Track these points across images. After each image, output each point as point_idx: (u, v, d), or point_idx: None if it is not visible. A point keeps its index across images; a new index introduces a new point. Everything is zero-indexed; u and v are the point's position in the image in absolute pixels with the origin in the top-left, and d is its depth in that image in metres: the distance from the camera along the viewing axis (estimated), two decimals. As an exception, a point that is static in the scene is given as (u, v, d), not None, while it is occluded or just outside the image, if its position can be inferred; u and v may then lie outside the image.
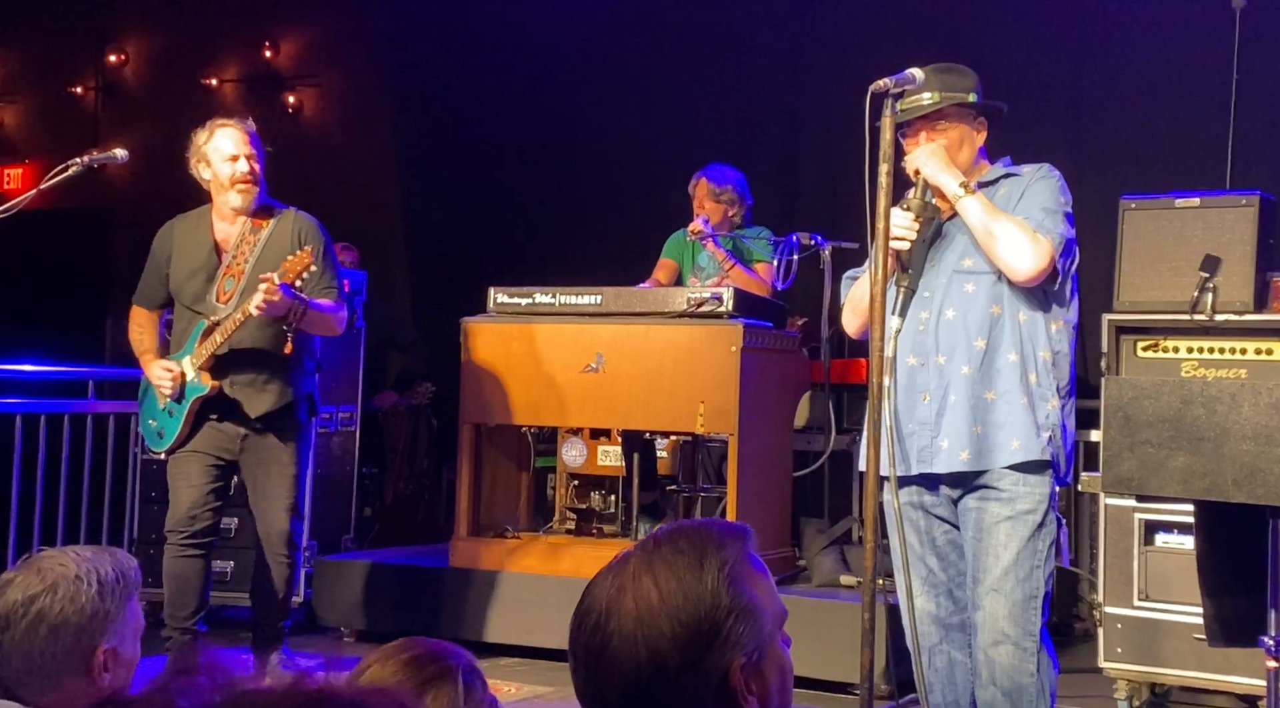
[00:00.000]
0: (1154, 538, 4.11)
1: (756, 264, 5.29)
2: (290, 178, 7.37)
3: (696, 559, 1.35)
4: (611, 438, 5.05)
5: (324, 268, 4.11)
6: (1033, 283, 2.94)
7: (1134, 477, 2.38)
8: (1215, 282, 4.00)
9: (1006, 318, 2.96)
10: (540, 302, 4.84)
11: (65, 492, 5.56)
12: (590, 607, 1.37)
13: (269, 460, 4.12)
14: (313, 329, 4.12)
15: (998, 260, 2.93)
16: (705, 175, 5.34)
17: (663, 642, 1.31)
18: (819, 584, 4.69)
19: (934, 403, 2.97)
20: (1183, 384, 2.42)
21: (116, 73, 8.39)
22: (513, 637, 4.75)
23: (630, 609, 1.33)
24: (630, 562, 1.38)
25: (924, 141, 3.03)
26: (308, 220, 4.21)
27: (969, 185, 2.96)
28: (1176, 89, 5.57)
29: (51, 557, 2.00)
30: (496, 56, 7.19)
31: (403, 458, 6.47)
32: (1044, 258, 2.90)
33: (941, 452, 2.95)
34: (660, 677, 1.32)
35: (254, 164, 4.14)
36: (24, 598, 1.93)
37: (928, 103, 3.00)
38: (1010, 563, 2.90)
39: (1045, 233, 2.93)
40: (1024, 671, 2.88)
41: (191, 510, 4.07)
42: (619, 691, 1.34)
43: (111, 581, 1.99)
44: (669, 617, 1.32)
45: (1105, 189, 4.88)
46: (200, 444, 4.10)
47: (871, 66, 3.06)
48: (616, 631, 1.33)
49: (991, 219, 2.92)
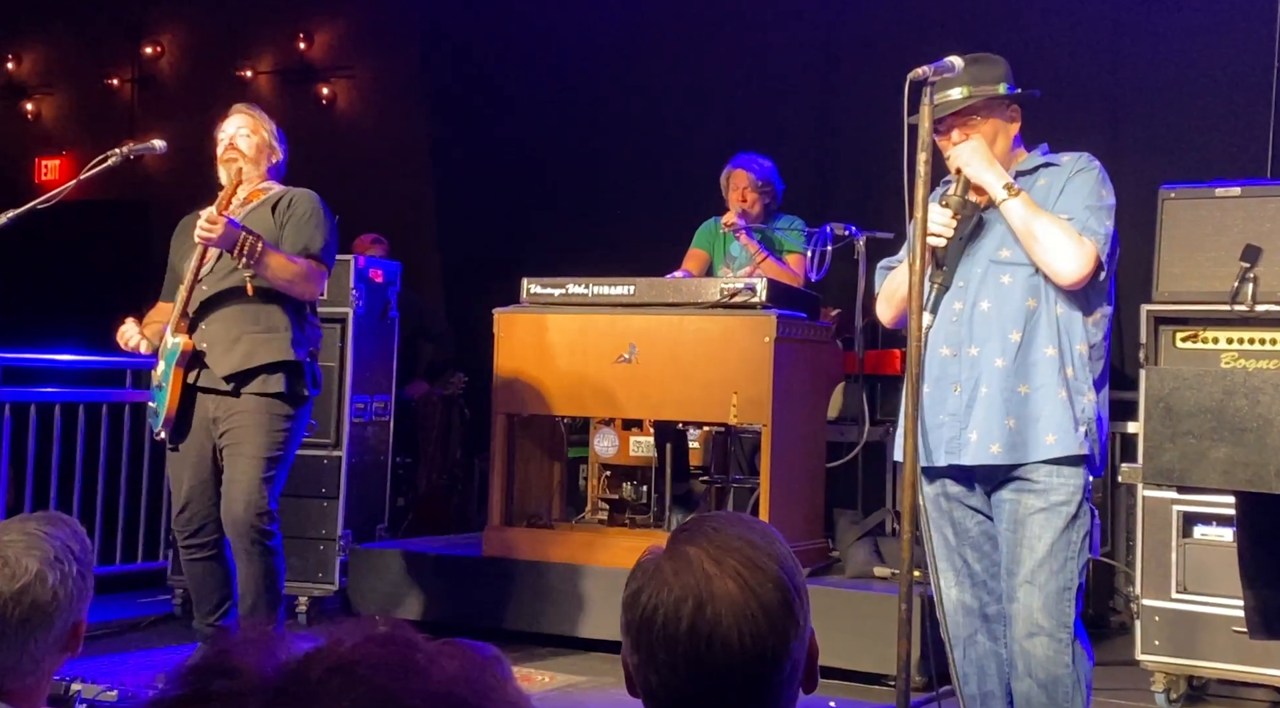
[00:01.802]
0: (1192, 530, 4.07)
1: (788, 255, 5.27)
2: (323, 169, 7.41)
3: (766, 546, 1.41)
4: (644, 429, 5.05)
5: (299, 226, 3.95)
6: (1077, 286, 2.91)
7: (1175, 468, 2.35)
8: (1256, 271, 3.96)
9: (1043, 311, 2.93)
10: (573, 292, 4.84)
11: (104, 480, 5.62)
12: (679, 599, 1.37)
13: (238, 438, 3.88)
14: (275, 277, 3.85)
15: (1041, 264, 2.90)
16: (742, 167, 5.31)
17: (759, 627, 1.36)
18: (852, 576, 4.67)
19: (964, 394, 2.95)
20: (1225, 375, 2.40)
21: (152, 65, 8.45)
22: (545, 626, 4.76)
23: (726, 598, 1.36)
24: (691, 553, 1.39)
25: (956, 138, 3.00)
26: (302, 191, 4.07)
27: (1013, 186, 2.92)
28: (1217, 77, 5.50)
29: (10, 544, 1.86)
30: (529, 47, 7.19)
31: (436, 448, 6.49)
32: (1089, 261, 2.88)
33: (970, 444, 2.93)
34: (760, 663, 1.36)
35: (239, 140, 4.03)
36: (12, 592, 1.83)
37: (957, 98, 2.96)
38: (1044, 555, 2.88)
39: (1090, 234, 2.89)
40: (1059, 662, 2.87)
41: (183, 515, 3.95)
42: (715, 682, 1.36)
43: (81, 553, 1.93)
44: (759, 603, 1.36)
45: (1144, 178, 4.83)
46: (185, 437, 3.94)
47: (907, 54, 3.03)
48: (713, 622, 1.35)
49: (1035, 222, 2.88)
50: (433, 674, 0.82)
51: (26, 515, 1.98)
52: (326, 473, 5.22)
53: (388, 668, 0.81)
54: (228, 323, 3.89)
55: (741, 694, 1.36)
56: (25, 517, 1.96)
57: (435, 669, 0.82)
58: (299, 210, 3.99)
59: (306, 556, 5.17)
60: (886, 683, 4.06)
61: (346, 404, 5.24)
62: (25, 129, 8.83)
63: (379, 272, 5.42)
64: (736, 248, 5.36)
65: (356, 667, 0.81)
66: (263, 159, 4.08)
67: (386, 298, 5.43)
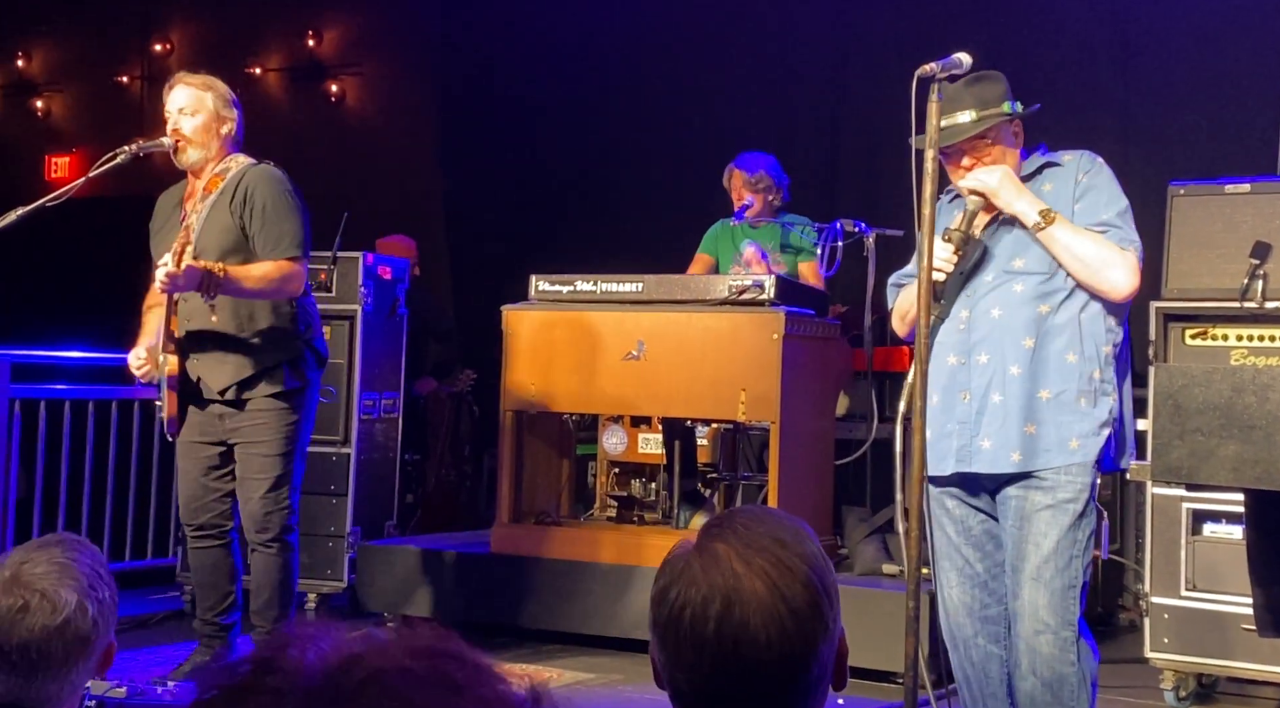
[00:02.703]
0: (1201, 528, 4.06)
1: (802, 264, 5.23)
2: (332, 166, 7.43)
3: (796, 545, 1.40)
4: (652, 426, 5.05)
5: (266, 222, 3.75)
6: (1130, 298, 2.93)
7: (1184, 466, 2.35)
8: (1265, 269, 3.94)
9: (1059, 317, 2.90)
10: (581, 289, 4.84)
11: (113, 477, 5.64)
12: (707, 598, 1.36)
13: (248, 437, 3.83)
14: (253, 294, 3.75)
15: (1091, 285, 2.89)
16: (737, 166, 5.30)
17: (785, 629, 1.35)
18: (861, 573, 4.67)
19: (974, 402, 2.92)
20: (1234, 372, 2.39)
21: (162, 62, 8.46)
22: (553, 623, 4.77)
23: (754, 599, 1.35)
24: (720, 551, 1.38)
25: (967, 164, 2.95)
26: (260, 172, 3.84)
27: (1048, 212, 2.89)
28: (1226, 74, 5.48)
29: (44, 575, 1.84)
30: (537, 46, 7.20)
31: (444, 445, 6.50)
32: (1135, 273, 2.90)
33: (983, 452, 2.91)
34: (786, 665, 1.35)
35: (181, 124, 3.84)
36: (55, 625, 1.81)
37: (967, 123, 2.91)
38: (1050, 551, 2.87)
39: (1128, 245, 2.91)
40: (1064, 660, 2.86)
41: (190, 505, 3.91)
42: (742, 683, 1.35)
43: (107, 575, 1.92)
44: (787, 606, 1.35)
45: (1153, 175, 4.82)
46: (189, 433, 3.89)
47: (915, 52, 3.01)
48: (741, 623, 1.35)
49: (1080, 245, 2.87)
50: (467, 695, 0.81)
51: (44, 541, 1.95)
52: (335, 470, 5.23)
53: (425, 684, 0.81)
54: (215, 340, 3.80)
55: (768, 696, 1.36)
56: (44, 543, 1.93)
57: (473, 690, 0.82)
58: (259, 204, 3.77)
59: (315, 553, 5.17)
60: (895, 680, 4.06)
61: (355, 401, 5.24)
62: (35, 126, 8.86)
63: (387, 269, 5.43)
64: (746, 247, 5.34)
65: (393, 678, 0.80)
66: (211, 138, 3.87)
67: (395, 295, 5.44)
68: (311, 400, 3.95)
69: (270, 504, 3.84)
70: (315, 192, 4.09)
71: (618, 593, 4.59)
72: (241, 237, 3.80)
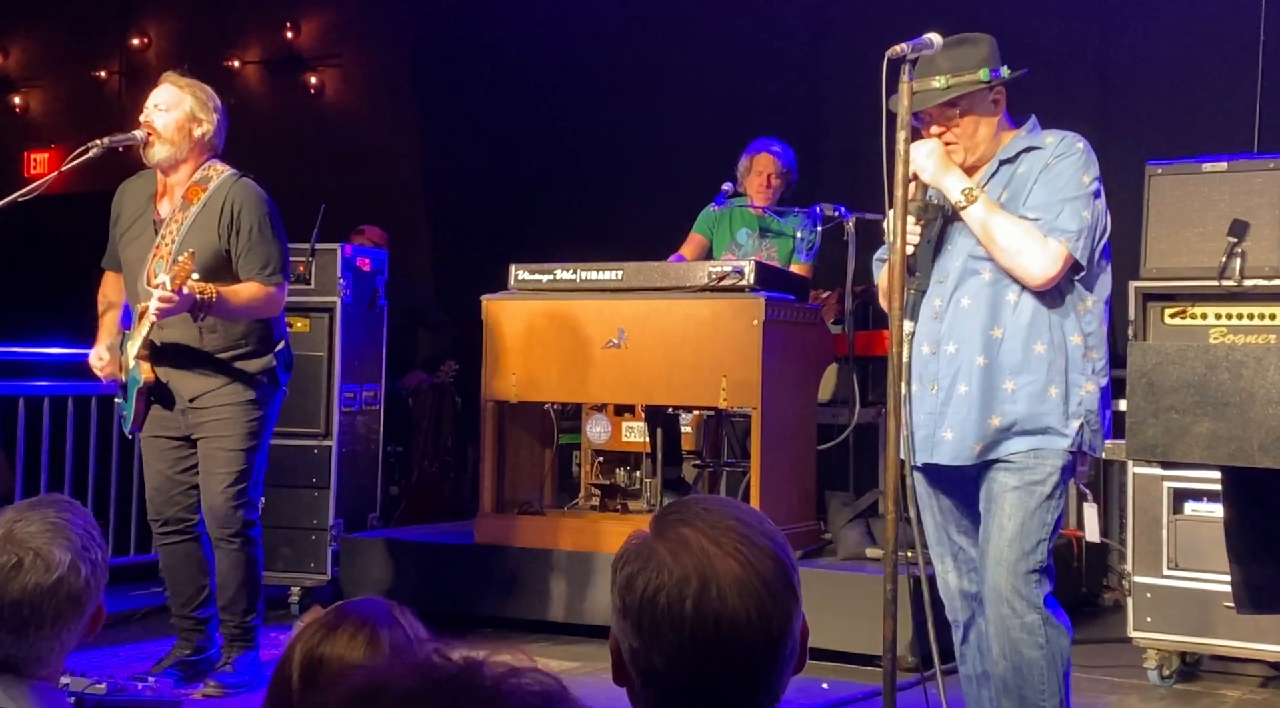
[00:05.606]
0: (1183, 506, 4.07)
1: (795, 267, 5.21)
2: (311, 158, 7.40)
3: (758, 525, 1.42)
4: (635, 414, 5.04)
5: (252, 246, 3.80)
6: (1046, 287, 2.84)
7: (1158, 443, 2.34)
8: (1243, 247, 3.95)
9: (1028, 306, 2.85)
10: (561, 278, 4.82)
11: (94, 473, 5.61)
12: (681, 580, 1.36)
13: (211, 432, 3.84)
14: (235, 317, 3.81)
15: (1006, 269, 2.83)
16: (770, 152, 5.24)
17: (763, 602, 1.37)
18: (844, 558, 4.67)
19: (941, 393, 2.89)
20: (1207, 349, 2.39)
21: (139, 56, 8.42)
22: (538, 613, 4.76)
23: (730, 575, 1.36)
24: (687, 535, 1.39)
25: (934, 132, 2.91)
26: (245, 190, 3.84)
27: (971, 191, 2.84)
28: (1204, 53, 5.48)
29: (38, 534, 1.84)
30: (516, 34, 7.17)
31: (427, 436, 6.48)
32: (1055, 263, 2.80)
33: (945, 443, 2.88)
34: (766, 638, 1.37)
35: (155, 116, 3.82)
36: (49, 584, 1.81)
37: (937, 88, 2.85)
38: (1014, 534, 2.83)
39: (1058, 234, 2.81)
40: (1032, 644, 2.83)
41: (155, 499, 3.93)
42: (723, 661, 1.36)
43: (100, 537, 1.92)
44: (761, 580, 1.37)
45: (1131, 154, 4.81)
46: (153, 428, 3.91)
47: (895, 33, 2.97)
48: (720, 600, 1.35)
49: (994, 226, 2.82)
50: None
51: (36, 501, 1.94)
52: (317, 463, 5.21)
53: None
54: (188, 352, 3.83)
55: (747, 673, 1.37)
56: (36, 502, 1.93)
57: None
58: (245, 226, 3.80)
59: (298, 546, 5.16)
60: (879, 664, 4.04)
61: (336, 394, 5.22)
62: (13, 123, 8.81)
63: (366, 260, 5.40)
64: (744, 235, 5.33)
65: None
66: (183, 138, 3.83)
67: (375, 287, 5.41)
68: (276, 398, 3.98)
69: (233, 499, 3.85)
70: (294, 183, 4.07)
71: (602, 582, 4.58)
72: (224, 257, 3.83)
